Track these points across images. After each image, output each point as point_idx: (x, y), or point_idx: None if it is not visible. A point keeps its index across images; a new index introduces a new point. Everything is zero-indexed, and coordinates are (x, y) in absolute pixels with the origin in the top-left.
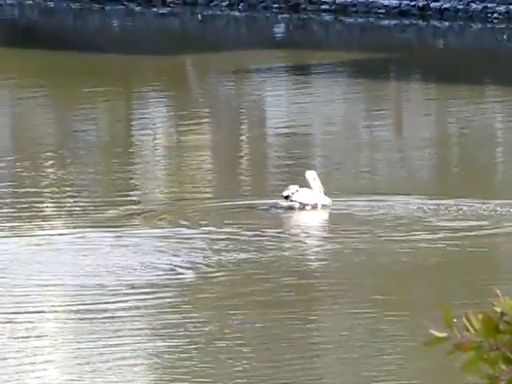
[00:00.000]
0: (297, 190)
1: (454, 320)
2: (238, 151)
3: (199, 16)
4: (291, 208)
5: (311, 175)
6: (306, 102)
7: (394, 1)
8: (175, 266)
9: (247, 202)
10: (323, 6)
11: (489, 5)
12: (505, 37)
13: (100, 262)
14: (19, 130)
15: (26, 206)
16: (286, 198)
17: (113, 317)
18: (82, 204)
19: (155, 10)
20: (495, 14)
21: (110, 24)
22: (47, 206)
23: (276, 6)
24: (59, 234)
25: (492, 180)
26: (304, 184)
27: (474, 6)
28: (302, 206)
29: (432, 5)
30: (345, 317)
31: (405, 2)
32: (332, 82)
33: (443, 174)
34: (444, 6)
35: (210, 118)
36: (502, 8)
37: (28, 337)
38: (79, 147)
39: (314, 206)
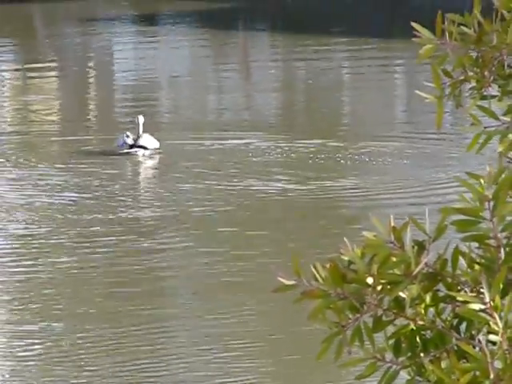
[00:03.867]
0: (138, 137)
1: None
2: (84, 94)
3: None
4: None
5: (141, 120)
6: (151, 49)
7: None
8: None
9: (90, 137)
10: None
11: None
12: None
13: None
14: None
15: None
16: (131, 147)
17: None
18: None
19: None
20: None
21: None
22: None
23: None
24: None
25: (337, 123)
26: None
27: None
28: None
29: None
30: (193, 268)
31: None
32: (179, 31)
33: (290, 117)
34: None
35: (57, 64)
36: None
37: None
38: None
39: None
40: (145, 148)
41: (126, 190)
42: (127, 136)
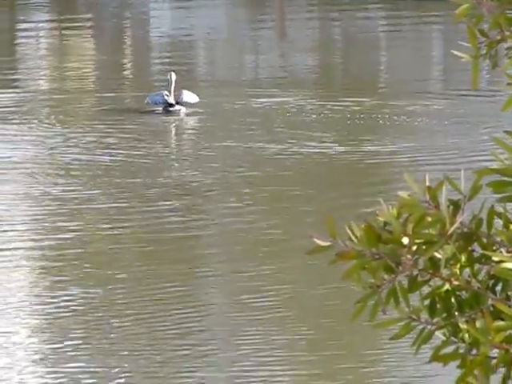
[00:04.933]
0: (179, 94)
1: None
2: (121, 53)
3: None
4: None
5: (174, 77)
6: (187, 9)
7: None
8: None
9: (130, 95)
10: None
11: None
12: None
13: None
14: None
15: None
16: (172, 105)
17: None
18: None
19: None
20: None
21: None
22: None
23: None
24: None
25: (375, 82)
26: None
27: None
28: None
29: None
30: (226, 221)
31: None
32: None
33: (327, 76)
34: None
35: (92, 23)
36: None
37: None
38: None
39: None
40: (186, 105)
41: (168, 150)
42: (167, 95)
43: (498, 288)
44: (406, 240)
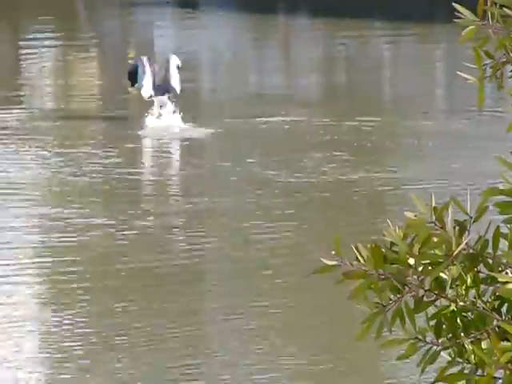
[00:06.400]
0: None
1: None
2: (124, 73)
3: None
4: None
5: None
6: (193, 33)
7: None
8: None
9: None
10: None
11: None
12: None
13: None
14: None
15: None
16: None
17: None
18: None
19: None
20: None
21: None
22: None
23: None
24: None
25: (381, 103)
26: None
27: None
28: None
29: None
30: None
31: None
32: (219, 15)
33: (333, 98)
34: None
35: (97, 46)
36: None
37: None
38: None
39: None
40: (170, 92)
41: (177, 171)
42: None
43: (504, 309)
44: (412, 261)
